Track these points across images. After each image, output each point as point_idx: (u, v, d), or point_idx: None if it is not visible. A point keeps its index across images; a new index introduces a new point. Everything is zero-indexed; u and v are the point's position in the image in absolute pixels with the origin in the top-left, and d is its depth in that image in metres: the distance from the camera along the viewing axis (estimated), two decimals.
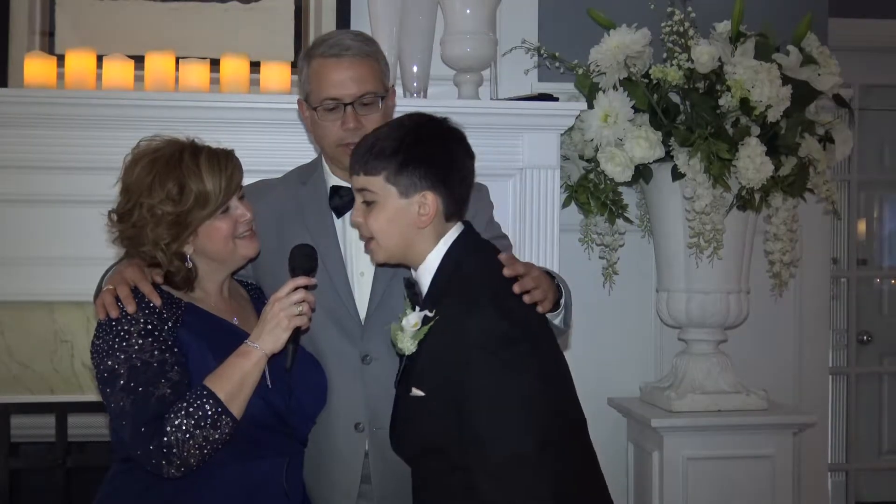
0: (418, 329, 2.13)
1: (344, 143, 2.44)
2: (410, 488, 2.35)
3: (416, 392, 2.13)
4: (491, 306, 2.09)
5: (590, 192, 3.36)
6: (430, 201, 2.15)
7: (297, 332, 2.20)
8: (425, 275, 2.21)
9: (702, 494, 3.29)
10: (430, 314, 2.12)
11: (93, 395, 3.38)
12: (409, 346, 2.15)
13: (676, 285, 3.40)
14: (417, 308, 2.18)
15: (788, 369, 3.83)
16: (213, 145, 2.31)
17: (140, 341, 2.13)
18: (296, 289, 2.19)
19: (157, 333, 2.15)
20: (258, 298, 2.52)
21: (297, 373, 2.25)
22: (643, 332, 3.72)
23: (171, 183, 2.19)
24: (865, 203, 5.24)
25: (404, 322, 2.16)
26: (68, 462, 3.37)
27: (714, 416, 3.32)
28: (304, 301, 2.19)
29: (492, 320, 2.07)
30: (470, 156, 2.24)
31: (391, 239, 2.18)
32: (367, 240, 2.22)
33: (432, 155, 2.17)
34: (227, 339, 2.24)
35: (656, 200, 3.42)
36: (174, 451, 2.05)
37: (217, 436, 2.10)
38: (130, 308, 2.15)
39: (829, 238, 4.02)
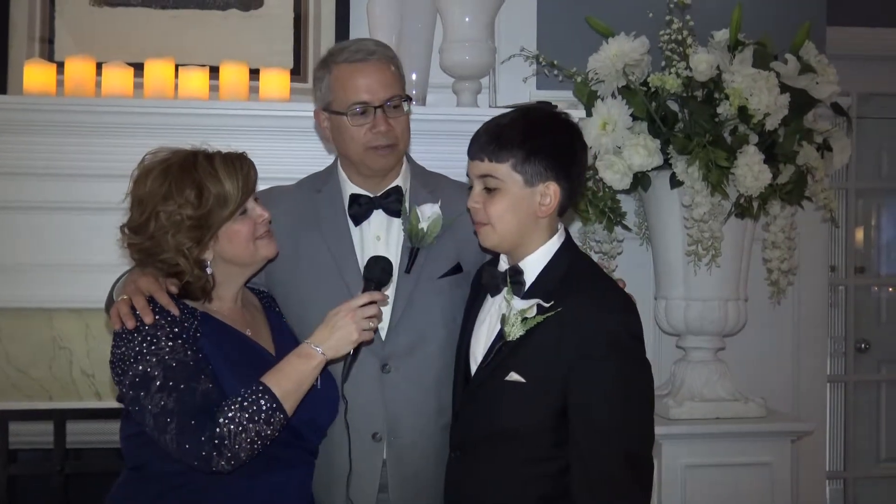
0: (531, 317, 2.14)
1: (373, 145, 2.46)
2: (426, 498, 2.41)
3: (515, 377, 2.15)
4: (626, 307, 2.18)
5: (588, 200, 3.36)
6: (552, 192, 2.19)
7: (359, 345, 2.22)
8: (533, 266, 2.23)
9: (700, 502, 3.28)
10: (544, 304, 2.14)
11: (91, 402, 3.38)
12: (516, 332, 2.15)
13: (675, 293, 3.40)
14: (516, 297, 2.20)
15: (787, 377, 3.83)
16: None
17: (171, 343, 2.12)
18: (370, 302, 2.21)
19: (185, 336, 2.15)
20: (269, 307, 2.51)
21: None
22: None
23: (189, 188, 2.18)
24: (863, 211, 5.23)
25: (511, 308, 2.17)
26: (66, 469, 3.36)
27: (712, 424, 3.32)
28: (374, 316, 2.21)
29: (628, 319, 2.15)
30: (586, 150, 2.30)
31: (508, 226, 2.20)
32: (481, 224, 2.24)
33: (559, 146, 2.21)
34: (243, 351, 2.25)
35: (654, 208, 3.42)
36: (226, 442, 2.04)
37: (269, 431, 2.09)
38: (148, 319, 2.13)
39: (826, 246, 4.01)
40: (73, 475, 3.40)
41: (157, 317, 2.15)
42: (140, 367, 2.10)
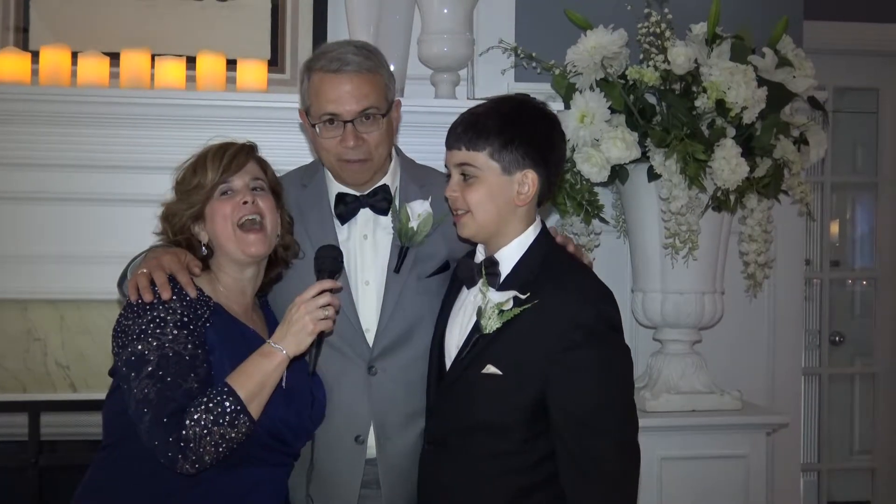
0: (508, 309, 2.13)
1: (343, 158, 2.42)
2: (413, 495, 2.38)
3: (492, 370, 2.14)
4: (603, 296, 2.17)
5: (566, 193, 3.36)
6: (530, 180, 2.18)
7: (320, 336, 2.19)
8: (509, 256, 2.22)
9: (676, 494, 3.29)
10: (521, 296, 2.13)
11: (65, 394, 3.36)
12: (493, 324, 2.14)
13: (652, 286, 3.41)
14: (491, 288, 2.19)
15: (762, 370, 3.85)
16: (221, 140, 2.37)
17: (175, 332, 2.11)
18: (322, 292, 2.18)
19: (192, 327, 2.14)
20: (267, 306, 2.50)
21: (298, 389, 2.25)
22: None
23: (189, 170, 2.29)
24: (838, 205, 5.27)
25: (488, 301, 2.16)
26: (40, 461, 3.35)
27: (688, 417, 3.33)
28: (329, 305, 2.17)
29: (607, 309, 2.14)
30: (564, 140, 2.29)
31: (487, 214, 2.19)
32: (460, 213, 2.23)
33: (536, 134, 2.20)
34: (248, 349, 2.21)
35: (632, 201, 3.43)
36: (191, 445, 2.04)
37: (233, 434, 2.08)
38: (165, 294, 2.14)
39: (802, 239, 4.03)
40: (47, 467, 3.38)
41: (173, 296, 2.15)
42: (140, 347, 2.10)
